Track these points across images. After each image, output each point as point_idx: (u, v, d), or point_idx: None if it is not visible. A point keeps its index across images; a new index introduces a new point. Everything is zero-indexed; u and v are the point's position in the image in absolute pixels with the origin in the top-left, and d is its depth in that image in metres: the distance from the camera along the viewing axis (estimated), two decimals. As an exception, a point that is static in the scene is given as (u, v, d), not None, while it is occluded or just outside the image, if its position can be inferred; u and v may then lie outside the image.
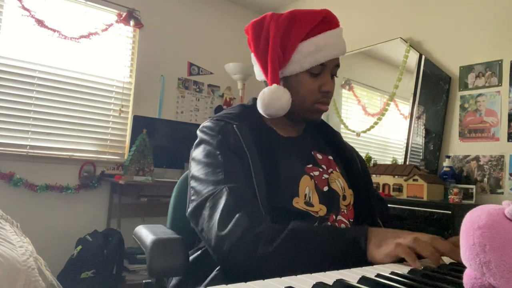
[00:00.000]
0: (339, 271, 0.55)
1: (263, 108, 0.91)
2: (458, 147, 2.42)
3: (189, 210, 0.85)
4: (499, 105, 2.26)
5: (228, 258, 0.73)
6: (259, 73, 0.98)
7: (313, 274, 0.53)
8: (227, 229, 0.74)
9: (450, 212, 1.97)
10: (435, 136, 2.50)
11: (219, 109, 3.68)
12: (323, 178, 0.94)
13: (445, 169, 2.31)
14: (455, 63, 2.48)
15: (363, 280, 0.50)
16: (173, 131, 3.28)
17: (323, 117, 1.05)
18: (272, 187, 0.85)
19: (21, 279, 0.95)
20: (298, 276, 0.51)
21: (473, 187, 2.23)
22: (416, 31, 2.71)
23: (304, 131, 1.05)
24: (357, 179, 1.02)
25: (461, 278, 0.45)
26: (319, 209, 0.89)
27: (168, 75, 3.41)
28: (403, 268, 0.59)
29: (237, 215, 0.75)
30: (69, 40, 2.90)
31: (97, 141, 3.07)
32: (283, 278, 0.50)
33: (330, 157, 1.02)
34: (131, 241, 2.76)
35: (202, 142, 0.92)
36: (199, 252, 0.90)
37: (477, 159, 2.31)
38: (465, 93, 2.41)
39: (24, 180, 2.69)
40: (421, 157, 2.52)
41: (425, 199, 2.12)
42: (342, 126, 3.05)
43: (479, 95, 2.35)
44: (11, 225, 1.26)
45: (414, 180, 2.19)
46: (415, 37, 2.70)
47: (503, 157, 2.21)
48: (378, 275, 0.52)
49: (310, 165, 0.95)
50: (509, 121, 2.21)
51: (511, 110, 2.21)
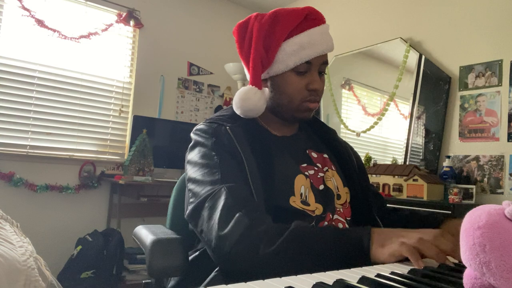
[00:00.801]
0: (339, 271, 0.55)
1: (234, 107, 0.93)
2: (458, 147, 2.42)
3: (187, 212, 0.84)
4: (499, 105, 2.26)
5: (229, 258, 0.72)
6: (247, 74, 0.98)
7: (313, 274, 0.53)
8: (228, 229, 0.73)
9: (450, 212, 1.97)
10: (435, 136, 2.50)
11: (219, 109, 3.68)
12: (319, 176, 0.94)
13: (445, 169, 2.31)
14: (455, 63, 2.48)
15: (363, 280, 0.50)
16: (173, 131, 3.28)
17: (323, 117, 1.05)
18: (267, 186, 0.84)
19: (21, 279, 0.95)
20: (298, 276, 0.51)
21: (473, 187, 2.23)
22: (416, 31, 2.71)
23: (298, 130, 1.05)
24: (353, 176, 1.01)
25: (461, 278, 0.45)
26: (315, 208, 0.89)
27: (168, 75, 3.41)
28: (403, 268, 0.59)
29: (237, 214, 0.74)
30: (69, 40, 2.90)
31: (97, 141, 3.07)
32: (283, 278, 0.50)
33: (325, 155, 1.01)
34: (131, 241, 2.76)
35: (196, 144, 0.92)
36: (198, 253, 0.89)
37: (477, 159, 2.31)
38: (465, 93, 2.41)
39: (24, 180, 2.69)
40: (421, 157, 2.52)
41: (425, 199, 2.12)
42: (342, 126, 3.04)
43: (479, 95, 2.35)
44: (11, 225, 1.26)
45: (414, 180, 2.19)
46: (415, 37, 2.71)
47: (503, 157, 2.21)
48: (378, 275, 0.52)
49: (305, 164, 0.94)
50: (509, 121, 2.21)
51: (511, 110, 2.21)
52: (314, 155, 0.99)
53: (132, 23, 3.15)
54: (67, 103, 2.92)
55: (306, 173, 0.93)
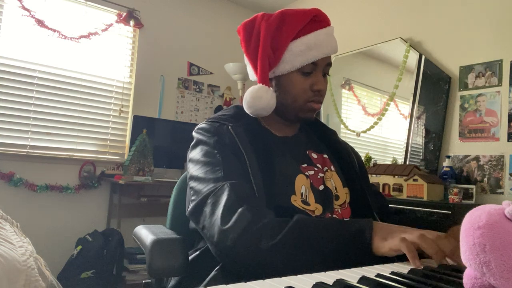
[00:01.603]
0: (339, 271, 0.55)
1: (246, 106, 0.93)
2: (458, 147, 2.42)
3: (189, 209, 0.85)
4: (499, 105, 2.26)
5: (232, 252, 0.72)
6: (251, 73, 0.99)
7: (313, 274, 0.53)
8: (230, 223, 0.73)
9: (450, 212, 1.97)
10: (435, 136, 2.50)
11: (219, 109, 3.68)
12: (319, 177, 0.95)
13: (445, 169, 2.31)
14: (455, 63, 2.48)
15: (363, 280, 0.50)
16: (173, 131, 3.28)
17: (323, 117, 1.05)
18: (269, 186, 0.85)
19: (21, 279, 0.95)
20: (298, 276, 0.51)
21: (473, 187, 2.23)
22: (416, 31, 2.71)
23: (299, 130, 1.05)
24: (353, 176, 1.01)
25: (461, 278, 0.45)
26: (315, 208, 0.89)
27: (168, 75, 3.41)
28: (403, 268, 0.59)
29: (240, 209, 0.74)
30: (69, 40, 2.90)
31: (97, 141, 3.07)
32: (283, 278, 0.50)
33: (325, 156, 1.02)
34: (131, 241, 2.76)
35: (199, 143, 0.92)
36: (198, 252, 0.90)
37: (477, 159, 2.31)
38: (465, 93, 2.41)
39: (24, 180, 2.69)
40: (421, 157, 2.52)
41: (425, 199, 2.12)
42: (342, 126, 3.04)
43: (479, 95, 2.35)
44: (11, 225, 1.26)
45: (414, 180, 2.19)
46: (415, 37, 2.70)
47: (503, 157, 2.21)
48: (378, 275, 0.52)
49: (305, 165, 0.95)
50: (509, 121, 2.21)
51: (511, 110, 2.21)
52: (314, 155, 0.99)
53: (132, 23, 3.15)
54: (67, 103, 2.92)
55: (306, 173, 0.93)
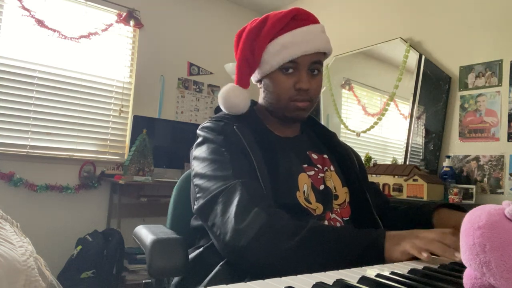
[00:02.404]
0: (339, 271, 0.55)
1: (220, 106, 0.97)
2: (458, 147, 2.42)
3: (197, 206, 0.84)
4: (499, 105, 2.26)
5: (244, 252, 0.72)
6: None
7: (313, 274, 0.53)
8: (245, 223, 0.73)
9: (450, 212, 1.97)
10: (435, 136, 2.50)
11: (219, 109, 3.67)
12: (319, 177, 0.96)
13: (445, 169, 2.31)
14: (455, 63, 2.48)
15: (363, 280, 0.50)
16: (173, 131, 3.28)
17: (323, 117, 1.06)
18: (274, 183, 0.86)
19: (21, 279, 0.95)
20: (298, 276, 0.51)
21: (473, 187, 2.23)
22: (416, 31, 2.71)
23: (300, 131, 1.07)
24: (352, 176, 1.02)
25: (461, 278, 0.45)
26: (316, 207, 0.90)
27: (168, 75, 3.41)
28: (403, 268, 0.59)
29: (255, 209, 0.74)
30: (69, 40, 2.91)
31: (97, 141, 3.07)
32: (283, 278, 0.50)
33: (325, 156, 1.03)
34: (131, 241, 2.76)
35: (205, 141, 0.93)
36: (201, 249, 0.90)
37: (477, 159, 2.31)
38: (465, 93, 2.41)
39: (24, 180, 2.69)
40: (421, 157, 2.52)
41: (425, 199, 2.12)
42: (342, 126, 3.04)
43: (479, 95, 2.35)
44: (11, 225, 1.26)
45: (414, 180, 2.19)
46: (415, 37, 2.70)
47: (503, 157, 2.21)
48: (378, 275, 0.52)
49: (306, 165, 0.96)
50: (509, 121, 2.21)
51: (511, 110, 2.21)
52: (314, 156, 1.00)
53: (132, 23, 3.15)
54: (67, 103, 2.92)
55: (307, 173, 0.94)
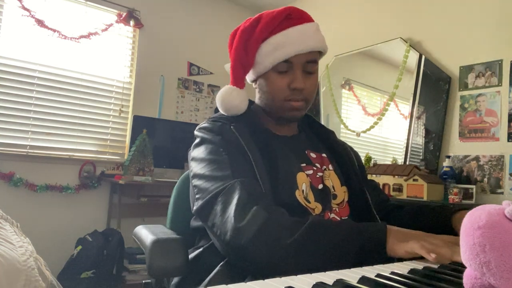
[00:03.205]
0: (339, 271, 0.55)
1: (218, 108, 0.97)
2: (458, 147, 2.42)
3: (196, 207, 0.84)
4: (499, 105, 2.26)
5: (245, 250, 0.72)
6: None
7: (313, 274, 0.53)
8: (245, 221, 0.73)
9: (450, 212, 1.97)
10: (435, 136, 2.50)
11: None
12: (317, 176, 0.95)
13: (445, 169, 2.31)
14: (455, 63, 2.48)
15: (363, 280, 0.50)
16: (173, 131, 3.28)
17: (323, 117, 1.06)
18: (273, 182, 0.86)
19: (21, 279, 0.95)
20: (298, 276, 0.51)
21: (473, 187, 2.23)
22: (416, 31, 2.71)
23: (298, 131, 1.06)
24: (351, 175, 1.02)
25: (461, 278, 0.45)
26: (315, 206, 0.90)
27: (168, 75, 3.41)
28: (403, 268, 0.59)
29: (254, 207, 0.74)
30: (69, 40, 2.90)
31: (97, 141, 3.07)
32: (283, 278, 0.50)
33: (323, 155, 1.02)
34: (131, 241, 2.76)
35: (203, 141, 0.92)
36: (201, 249, 0.90)
37: (477, 159, 2.31)
38: (465, 93, 2.41)
39: (24, 180, 2.69)
40: (421, 157, 2.52)
41: (425, 199, 2.12)
42: (342, 126, 3.04)
43: (479, 95, 2.35)
44: (11, 225, 1.26)
45: (414, 180, 2.19)
46: (415, 37, 2.70)
47: (503, 157, 2.21)
48: (378, 275, 0.52)
49: (304, 164, 0.96)
50: (509, 121, 2.21)
51: (511, 110, 2.21)
52: (312, 155, 1.00)
53: (132, 23, 3.15)
54: (67, 103, 2.92)
55: (306, 172, 0.94)
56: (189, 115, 3.54)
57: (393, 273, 0.54)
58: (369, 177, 1.31)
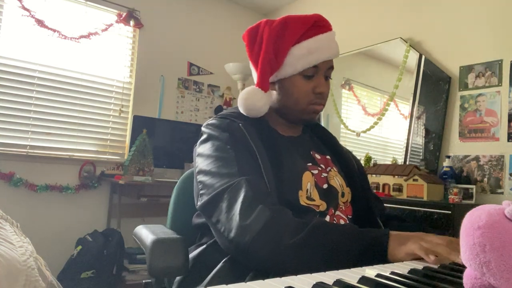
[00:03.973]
0: (339, 271, 0.55)
1: (238, 105, 0.96)
2: (458, 147, 2.42)
3: (200, 203, 0.84)
4: (499, 105, 2.26)
5: (249, 248, 0.73)
6: (256, 78, 1.01)
7: (313, 274, 0.53)
8: (250, 220, 0.74)
9: (450, 212, 1.97)
10: (435, 136, 2.50)
11: (219, 109, 3.68)
12: (322, 176, 0.97)
13: (445, 169, 2.31)
14: (455, 63, 2.48)
15: (363, 280, 0.50)
16: (173, 131, 3.28)
17: (323, 117, 1.07)
18: (278, 182, 0.87)
19: (21, 279, 0.95)
20: (298, 276, 0.51)
21: (473, 187, 2.23)
22: (416, 31, 2.71)
23: (302, 132, 1.08)
24: (354, 177, 1.04)
25: (461, 278, 0.45)
26: (320, 204, 0.92)
27: (168, 75, 3.41)
28: (403, 268, 0.59)
29: (260, 206, 0.75)
30: (69, 40, 2.90)
31: (97, 141, 3.07)
32: (283, 278, 0.50)
33: (327, 157, 1.04)
34: (131, 241, 2.76)
35: (210, 138, 0.93)
36: (204, 246, 0.90)
37: (477, 159, 2.31)
38: (465, 93, 2.41)
39: (24, 180, 2.69)
40: (421, 157, 2.52)
41: (425, 199, 2.12)
42: (342, 126, 3.04)
43: (479, 95, 2.35)
44: (11, 225, 1.26)
45: (414, 180, 2.19)
46: (415, 37, 2.70)
47: (503, 157, 2.21)
48: (378, 275, 0.52)
49: (310, 164, 0.97)
50: (509, 121, 2.21)
51: (511, 110, 2.21)
52: (317, 156, 1.02)
53: (132, 23, 3.15)
54: (67, 103, 2.92)
55: (312, 171, 0.95)
56: (189, 115, 3.54)
57: (393, 273, 0.54)
58: (369, 177, 1.32)
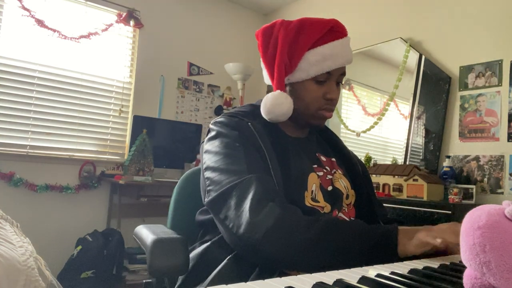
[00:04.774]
0: (339, 271, 0.55)
1: (265, 112, 0.94)
2: (458, 147, 2.42)
3: (208, 199, 0.84)
4: (499, 105, 2.26)
5: (259, 245, 0.73)
6: (266, 78, 1.01)
7: (313, 274, 0.53)
8: (260, 216, 0.74)
9: (450, 212, 1.97)
10: (435, 136, 2.50)
11: (219, 109, 3.68)
12: (327, 178, 0.97)
13: (445, 169, 2.31)
14: (455, 63, 2.48)
15: (363, 280, 0.50)
16: (173, 131, 3.28)
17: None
18: (285, 181, 0.87)
19: (21, 279, 0.95)
20: (298, 276, 0.51)
21: (473, 187, 2.23)
22: (416, 31, 2.71)
23: (309, 133, 1.08)
24: (358, 180, 1.04)
25: (461, 278, 0.45)
26: (324, 205, 0.92)
27: (168, 75, 3.41)
28: (403, 268, 0.59)
29: (270, 203, 0.76)
30: (69, 40, 2.90)
31: (97, 141, 3.07)
32: (283, 278, 0.50)
33: (333, 159, 1.05)
34: (131, 241, 2.76)
35: (218, 135, 0.92)
36: (208, 243, 0.90)
37: (477, 159, 2.31)
38: (465, 93, 2.41)
39: (24, 180, 2.69)
40: (421, 157, 2.52)
41: (425, 199, 2.12)
42: (342, 126, 3.04)
43: (479, 95, 2.35)
44: (11, 225, 1.26)
45: (414, 180, 2.19)
46: (415, 37, 2.70)
47: (503, 157, 2.21)
48: (378, 275, 0.52)
49: (315, 166, 0.98)
50: (509, 121, 2.21)
51: (511, 110, 2.21)
52: (323, 158, 1.02)
53: (132, 23, 3.15)
54: (67, 103, 2.92)
55: (317, 173, 0.96)
56: (189, 115, 3.54)
57: (393, 273, 0.54)
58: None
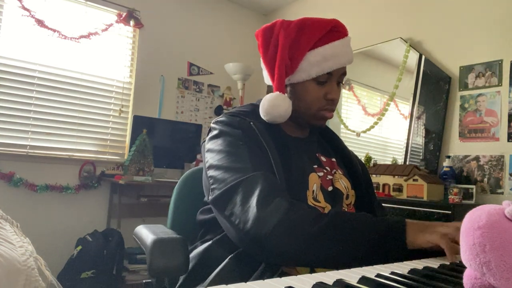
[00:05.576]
0: (339, 271, 0.55)
1: (263, 113, 0.93)
2: (458, 147, 2.42)
3: (212, 197, 0.84)
4: (499, 105, 2.26)
5: (267, 240, 0.72)
6: (267, 78, 1.01)
7: (313, 274, 0.53)
8: (267, 211, 0.74)
9: (450, 212, 1.97)
10: (435, 136, 2.50)
11: (219, 109, 3.68)
12: (327, 178, 0.97)
13: (445, 169, 2.31)
14: (455, 63, 2.48)
15: (363, 280, 0.50)
16: (173, 131, 3.28)
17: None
18: (287, 181, 0.87)
19: (21, 279, 0.95)
20: (298, 276, 0.51)
21: (473, 187, 2.23)
22: (416, 31, 2.71)
23: (310, 134, 1.08)
24: (359, 180, 1.04)
25: (461, 278, 0.45)
26: (325, 206, 0.92)
27: (168, 75, 3.41)
28: (403, 268, 0.59)
29: (277, 198, 0.76)
30: (69, 40, 2.91)
31: (97, 141, 3.07)
32: (283, 278, 0.50)
33: (333, 159, 1.05)
34: (131, 241, 2.76)
35: (221, 134, 0.92)
36: (210, 242, 0.90)
37: (477, 159, 2.31)
38: (465, 93, 2.41)
39: (24, 180, 2.69)
40: (421, 157, 2.52)
41: (425, 199, 2.12)
42: (342, 126, 3.04)
43: (479, 95, 2.35)
44: (11, 225, 1.26)
45: (414, 180, 2.19)
46: (415, 37, 2.70)
47: (503, 157, 2.21)
48: (378, 275, 0.52)
49: (315, 166, 0.98)
50: (509, 121, 2.21)
51: (511, 110, 2.21)
52: (323, 158, 1.02)
53: (132, 23, 3.15)
54: (67, 103, 2.92)
55: (318, 173, 0.96)
56: (189, 115, 3.54)
57: (393, 273, 0.54)
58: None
